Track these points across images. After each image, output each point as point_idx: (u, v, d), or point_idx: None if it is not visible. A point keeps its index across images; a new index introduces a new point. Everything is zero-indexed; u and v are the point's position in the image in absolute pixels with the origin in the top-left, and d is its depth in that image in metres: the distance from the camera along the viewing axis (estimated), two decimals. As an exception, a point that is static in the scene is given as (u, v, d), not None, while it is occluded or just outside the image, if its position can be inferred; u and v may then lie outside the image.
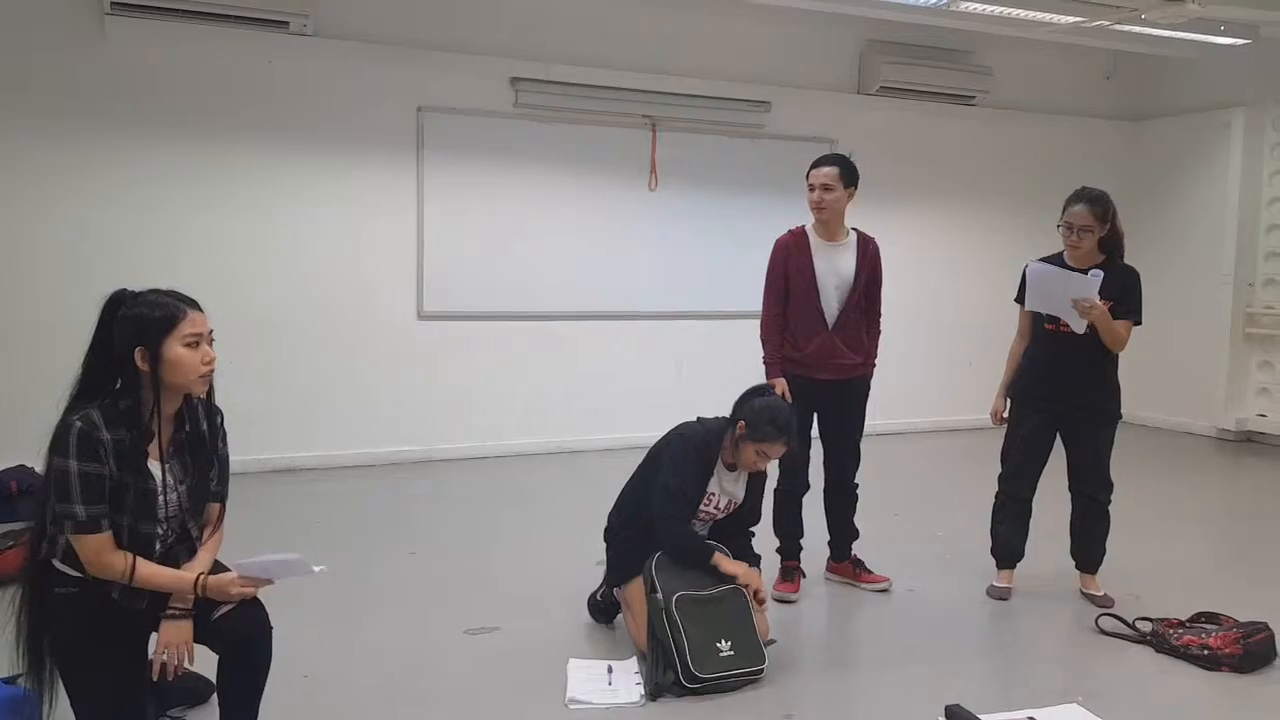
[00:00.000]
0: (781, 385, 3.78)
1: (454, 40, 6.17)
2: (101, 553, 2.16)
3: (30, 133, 5.30)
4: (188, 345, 2.21)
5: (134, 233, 5.47)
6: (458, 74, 6.18)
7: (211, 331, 2.28)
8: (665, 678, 3.01)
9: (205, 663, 2.38)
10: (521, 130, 6.37)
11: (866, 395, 4.01)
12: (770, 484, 3.67)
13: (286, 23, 5.64)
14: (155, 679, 2.23)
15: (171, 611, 2.24)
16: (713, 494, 3.36)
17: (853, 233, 3.95)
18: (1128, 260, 3.83)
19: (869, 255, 3.94)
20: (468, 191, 6.28)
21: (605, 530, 3.52)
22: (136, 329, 2.19)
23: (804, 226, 3.94)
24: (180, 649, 2.23)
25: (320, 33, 5.81)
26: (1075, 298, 3.58)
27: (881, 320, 4.04)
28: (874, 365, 4.02)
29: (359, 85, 5.97)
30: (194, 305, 2.26)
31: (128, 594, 2.23)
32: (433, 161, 6.18)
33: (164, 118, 5.56)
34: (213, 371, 2.28)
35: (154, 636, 2.39)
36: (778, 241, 3.95)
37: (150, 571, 2.20)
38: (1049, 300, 3.71)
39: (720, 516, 3.43)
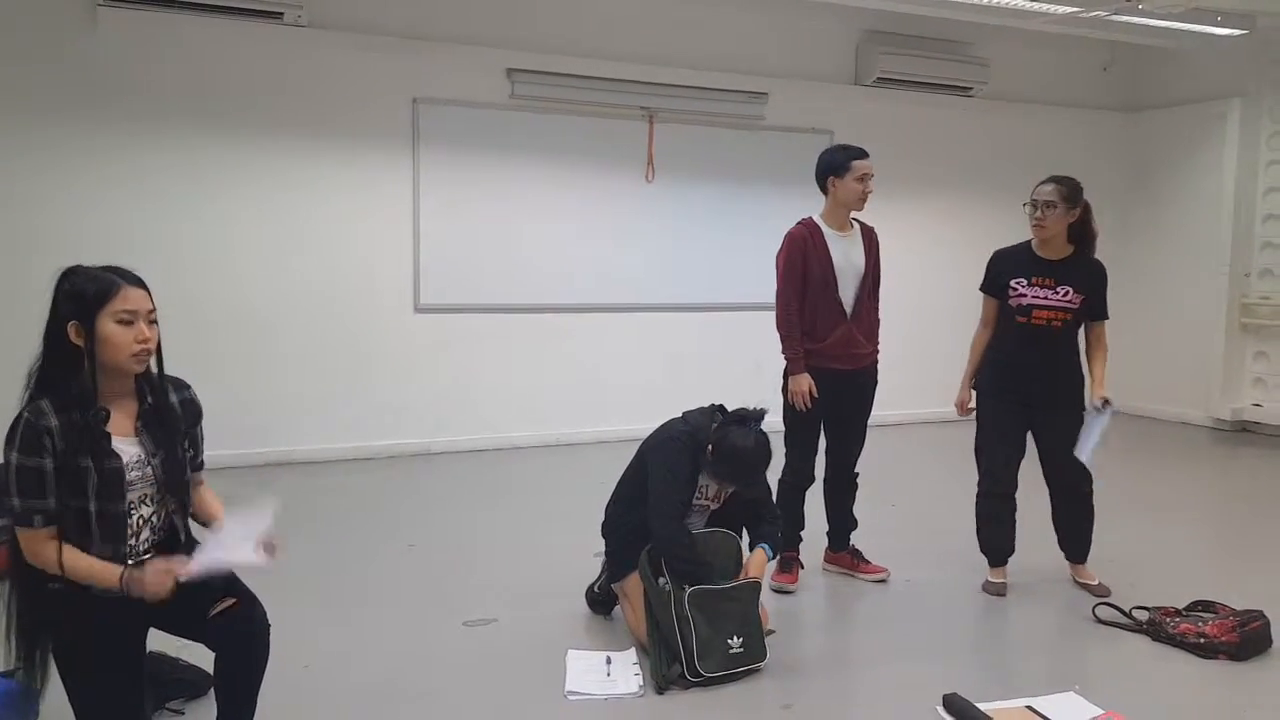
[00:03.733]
0: (807, 381, 3.78)
1: (449, 31, 6.15)
2: (33, 543, 2.13)
3: (21, 126, 5.27)
4: (120, 322, 2.17)
5: (126, 226, 5.44)
6: (453, 65, 6.16)
7: (152, 311, 2.23)
8: (671, 671, 3.02)
9: (203, 657, 2.38)
10: (517, 122, 6.35)
11: (876, 383, 4.02)
12: (775, 474, 3.65)
13: (280, 14, 5.62)
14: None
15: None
16: (703, 486, 3.35)
17: (855, 222, 3.95)
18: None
19: (874, 244, 3.95)
20: (464, 183, 6.26)
21: (603, 523, 3.52)
22: (72, 303, 2.17)
23: (812, 218, 3.90)
24: (160, 583, 2.13)
25: (314, 24, 5.79)
26: (1100, 431, 3.66)
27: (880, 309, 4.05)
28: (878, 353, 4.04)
29: (354, 77, 5.95)
30: (135, 282, 2.22)
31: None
32: (428, 153, 6.16)
33: (156, 110, 5.53)
34: (148, 351, 2.22)
35: (151, 633, 2.39)
36: (791, 234, 3.87)
37: (77, 563, 2.14)
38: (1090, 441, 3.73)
39: (715, 506, 3.42)
